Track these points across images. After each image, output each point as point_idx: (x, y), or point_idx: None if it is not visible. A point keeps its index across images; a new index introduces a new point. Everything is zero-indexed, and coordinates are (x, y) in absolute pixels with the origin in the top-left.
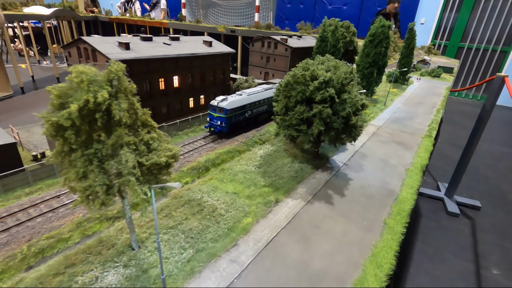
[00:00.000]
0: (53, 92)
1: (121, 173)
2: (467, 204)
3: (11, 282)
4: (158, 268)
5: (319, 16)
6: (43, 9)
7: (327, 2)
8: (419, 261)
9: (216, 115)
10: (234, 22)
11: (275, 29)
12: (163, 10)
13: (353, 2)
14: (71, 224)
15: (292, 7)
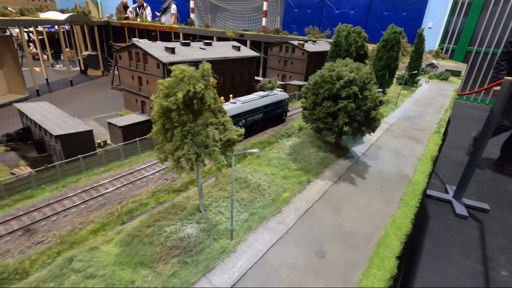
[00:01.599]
0: (164, 83)
1: (207, 145)
2: (476, 207)
3: (112, 232)
4: (223, 225)
5: (326, 21)
6: (58, 15)
7: (334, 6)
8: (427, 262)
9: None
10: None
11: (284, 34)
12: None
13: (361, 7)
14: (147, 193)
15: (299, 11)
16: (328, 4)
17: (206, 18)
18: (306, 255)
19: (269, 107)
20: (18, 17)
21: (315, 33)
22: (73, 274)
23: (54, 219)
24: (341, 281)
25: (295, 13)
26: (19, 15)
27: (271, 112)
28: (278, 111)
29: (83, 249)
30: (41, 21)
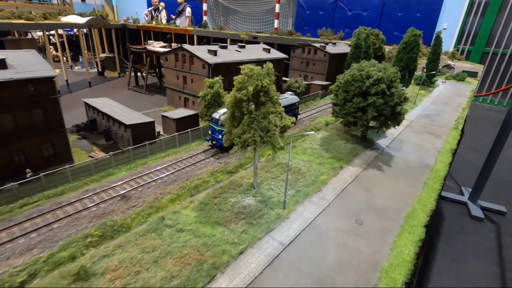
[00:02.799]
0: (237, 79)
1: (269, 130)
2: (492, 209)
3: (185, 201)
4: (275, 198)
5: (339, 22)
6: (78, 18)
7: (346, 8)
8: (442, 262)
9: (218, 129)
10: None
11: (297, 35)
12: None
13: (374, 8)
14: (207, 173)
15: (312, 13)
16: (340, 6)
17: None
18: (347, 222)
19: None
20: (42, 21)
21: (328, 34)
22: (167, 228)
23: (141, 189)
24: (379, 242)
25: (307, 15)
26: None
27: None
28: (289, 114)
29: (168, 212)
30: (63, 24)
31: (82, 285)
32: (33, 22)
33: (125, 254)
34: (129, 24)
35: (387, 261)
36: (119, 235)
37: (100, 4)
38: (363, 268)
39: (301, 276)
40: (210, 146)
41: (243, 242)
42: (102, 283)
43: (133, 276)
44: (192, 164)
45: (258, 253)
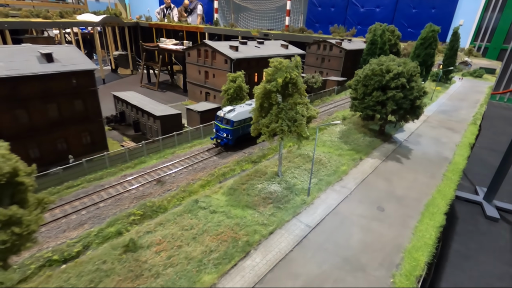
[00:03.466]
0: (268, 72)
1: (296, 120)
2: (508, 209)
3: (215, 187)
4: (299, 185)
5: (351, 19)
6: (93, 17)
7: (359, 4)
8: (456, 261)
9: (222, 127)
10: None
11: (308, 32)
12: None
13: (387, 5)
14: (233, 162)
15: (323, 10)
16: (353, 2)
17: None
18: (369, 209)
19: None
20: (59, 20)
21: (341, 31)
22: (201, 210)
23: (173, 175)
24: (400, 227)
25: (319, 12)
26: (59, 18)
27: None
28: None
29: (200, 196)
30: (79, 23)
31: (132, 256)
32: (50, 21)
33: (166, 231)
34: (142, 22)
35: (410, 244)
36: (157, 215)
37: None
38: (387, 249)
39: (328, 255)
40: (214, 144)
41: (272, 224)
42: (148, 254)
43: (176, 249)
44: (218, 154)
45: (287, 234)
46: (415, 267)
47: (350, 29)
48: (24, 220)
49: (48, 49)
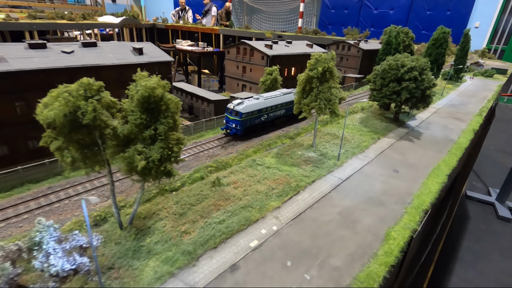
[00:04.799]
0: (310, 62)
1: (330, 100)
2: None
3: (264, 153)
4: (330, 154)
5: (364, 21)
6: (113, 18)
7: (372, 6)
8: (466, 258)
9: (231, 118)
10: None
11: (322, 34)
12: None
13: (401, 6)
14: (274, 136)
15: (336, 12)
16: (366, 4)
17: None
18: (386, 171)
19: (291, 104)
20: (82, 21)
21: (354, 33)
22: (259, 166)
23: (232, 143)
24: (411, 182)
25: (332, 14)
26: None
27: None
28: None
29: (255, 157)
30: (100, 24)
31: (218, 189)
32: (74, 22)
33: (236, 176)
34: (158, 23)
35: (418, 191)
36: (226, 168)
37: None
38: (400, 194)
39: (357, 195)
40: (224, 134)
41: (313, 176)
42: (229, 189)
43: (248, 187)
44: (263, 129)
45: (325, 183)
46: (422, 204)
47: (364, 31)
48: (183, 141)
49: (139, 45)
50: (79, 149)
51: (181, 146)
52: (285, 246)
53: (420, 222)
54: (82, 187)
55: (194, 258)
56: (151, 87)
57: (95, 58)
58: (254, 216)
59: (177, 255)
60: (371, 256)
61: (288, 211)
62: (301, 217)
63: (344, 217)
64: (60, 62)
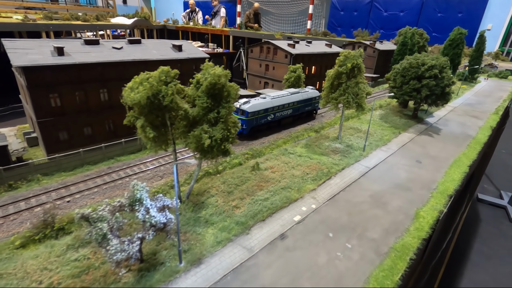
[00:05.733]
0: (339, 59)
1: (358, 94)
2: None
3: (293, 144)
4: (355, 145)
5: (374, 23)
6: (125, 20)
7: (382, 8)
8: (477, 261)
9: (238, 117)
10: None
11: (332, 36)
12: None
13: (411, 9)
14: (301, 129)
15: (346, 14)
16: (376, 6)
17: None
18: (410, 161)
19: (298, 104)
20: (96, 22)
21: (364, 35)
22: (290, 154)
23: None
24: (434, 171)
25: (341, 16)
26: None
27: (300, 109)
28: (308, 108)
29: (286, 147)
30: (113, 25)
31: (257, 172)
32: (89, 23)
33: (272, 163)
34: (169, 25)
35: (442, 179)
36: (260, 156)
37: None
38: (425, 181)
39: (385, 182)
40: None
41: (342, 164)
42: (267, 173)
43: (284, 172)
44: (291, 123)
45: (354, 170)
46: (446, 190)
47: (374, 33)
48: (238, 124)
49: (178, 42)
50: (152, 129)
51: (237, 129)
52: (325, 221)
53: (445, 205)
54: (137, 168)
55: (247, 227)
56: (218, 75)
57: (142, 54)
58: (294, 196)
59: (232, 225)
60: (404, 231)
61: (323, 192)
62: (335, 198)
63: (375, 199)
64: (113, 56)
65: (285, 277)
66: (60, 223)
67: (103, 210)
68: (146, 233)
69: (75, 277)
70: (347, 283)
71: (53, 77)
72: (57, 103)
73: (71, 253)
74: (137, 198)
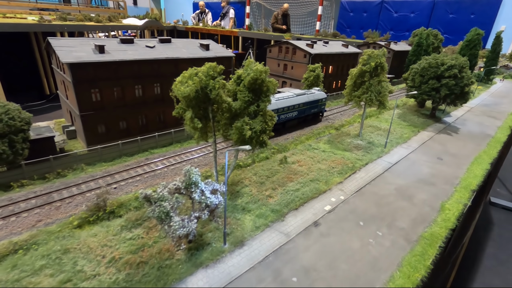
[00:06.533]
0: (363, 58)
1: (380, 92)
2: None
3: (315, 140)
4: (377, 142)
5: (383, 24)
6: (136, 21)
7: (392, 10)
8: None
9: None
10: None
11: (341, 37)
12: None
13: (422, 10)
14: (322, 127)
15: (355, 15)
16: (386, 8)
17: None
18: (431, 158)
19: (304, 106)
20: (108, 23)
21: (374, 36)
22: (315, 150)
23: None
24: (456, 167)
25: (350, 17)
26: (108, 21)
27: (306, 111)
28: (314, 110)
29: (310, 143)
30: (125, 26)
31: (285, 166)
32: (102, 24)
33: (299, 157)
34: (179, 26)
35: (464, 175)
36: (286, 150)
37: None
38: (447, 177)
39: (408, 176)
40: None
41: (365, 160)
42: (295, 167)
43: (311, 165)
44: (311, 120)
45: (377, 165)
46: (469, 185)
47: (384, 34)
48: (274, 118)
49: (206, 42)
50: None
51: (273, 122)
52: (354, 211)
53: (469, 199)
54: (173, 160)
55: (282, 215)
56: (260, 71)
57: (173, 52)
58: (322, 187)
59: (268, 212)
60: (431, 221)
61: (350, 185)
62: (362, 191)
63: (400, 192)
64: (148, 55)
65: (323, 259)
66: (111, 207)
67: (162, 191)
68: (202, 212)
69: (133, 253)
70: (381, 265)
71: (94, 73)
72: (97, 98)
73: (126, 233)
74: (193, 182)
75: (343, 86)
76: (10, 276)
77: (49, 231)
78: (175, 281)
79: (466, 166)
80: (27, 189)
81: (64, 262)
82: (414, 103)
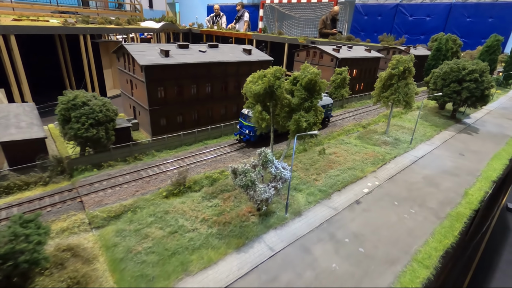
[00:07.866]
0: (392, 62)
1: (407, 93)
2: None
3: (347, 136)
4: (402, 139)
5: (398, 28)
6: (154, 23)
7: (408, 13)
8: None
9: (245, 124)
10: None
11: (356, 41)
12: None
13: (438, 13)
14: (351, 124)
15: (369, 18)
16: (401, 11)
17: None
18: (453, 154)
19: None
20: (127, 26)
21: (390, 40)
22: (348, 144)
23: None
24: (477, 162)
25: (365, 20)
26: (127, 24)
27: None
28: None
29: (342, 138)
30: (143, 29)
31: (324, 156)
32: (121, 27)
33: (334, 149)
34: (194, 28)
35: (485, 168)
36: (321, 144)
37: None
38: (469, 169)
39: (433, 168)
40: (237, 140)
41: (393, 153)
42: (332, 157)
43: (346, 156)
44: (341, 119)
45: (404, 158)
46: (489, 176)
47: (399, 38)
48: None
49: (248, 47)
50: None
51: (322, 116)
52: (388, 194)
53: (490, 187)
54: (229, 148)
55: (328, 194)
56: (316, 73)
57: (222, 56)
58: (359, 174)
59: (316, 192)
60: (456, 204)
61: (383, 173)
62: (394, 178)
63: (428, 180)
64: (202, 58)
65: (367, 227)
66: (188, 183)
67: (245, 166)
68: (277, 183)
69: (217, 215)
70: (417, 234)
71: (162, 74)
72: (162, 95)
73: (206, 202)
74: (269, 159)
75: (366, 88)
76: (131, 227)
77: (146, 199)
78: (254, 237)
79: (486, 161)
80: (116, 168)
81: (167, 219)
82: (435, 105)
